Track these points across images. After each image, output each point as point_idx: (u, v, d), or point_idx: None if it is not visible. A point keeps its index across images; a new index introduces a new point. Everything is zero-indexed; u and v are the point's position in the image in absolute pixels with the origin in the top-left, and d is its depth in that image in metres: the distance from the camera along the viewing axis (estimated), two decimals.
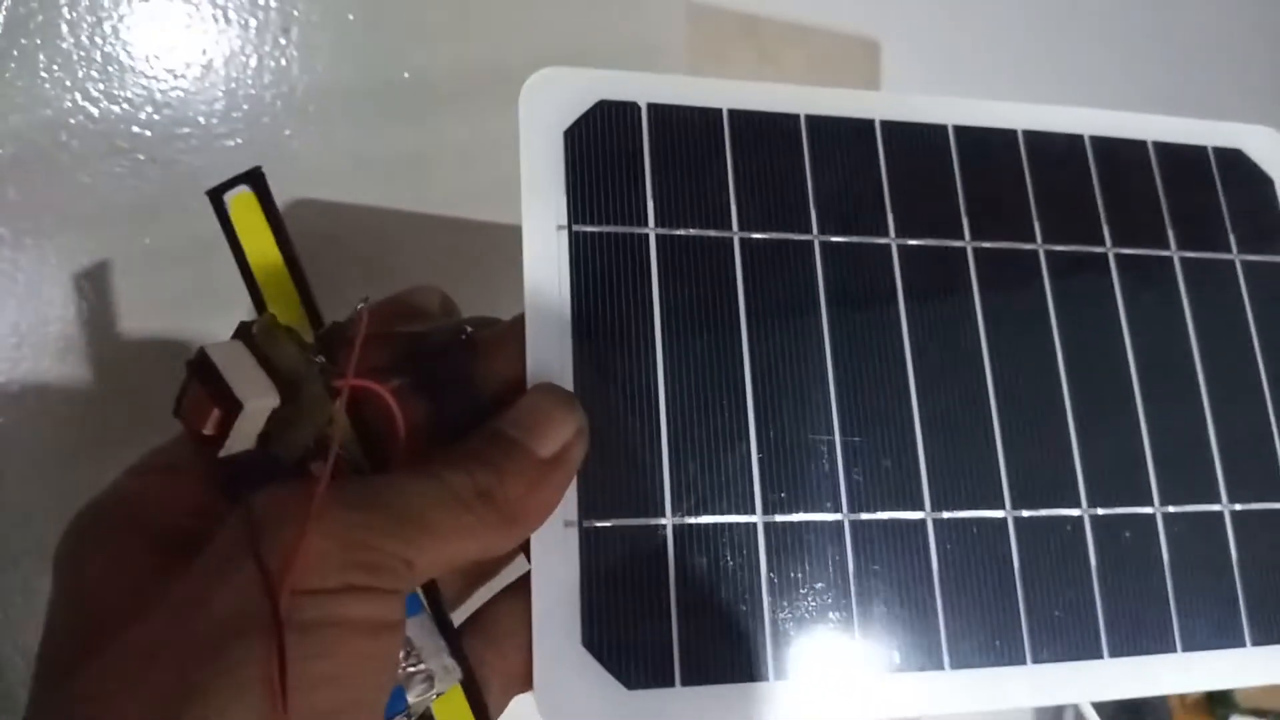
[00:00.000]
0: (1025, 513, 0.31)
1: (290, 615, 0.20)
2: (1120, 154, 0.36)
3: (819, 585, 0.30)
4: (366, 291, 0.29)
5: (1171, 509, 0.33)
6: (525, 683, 0.27)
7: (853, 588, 0.30)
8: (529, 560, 0.28)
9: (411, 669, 0.25)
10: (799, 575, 0.30)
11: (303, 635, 0.21)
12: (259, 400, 0.23)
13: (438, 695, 0.26)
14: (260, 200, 0.30)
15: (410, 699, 0.25)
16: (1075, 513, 0.32)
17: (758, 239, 0.32)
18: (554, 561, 0.28)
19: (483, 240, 0.41)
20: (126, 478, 0.26)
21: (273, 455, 0.24)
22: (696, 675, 0.28)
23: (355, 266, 0.40)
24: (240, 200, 0.31)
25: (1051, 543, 0.31)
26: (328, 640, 0.21)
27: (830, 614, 0.29)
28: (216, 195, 0.30)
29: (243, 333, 0.24)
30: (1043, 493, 0.32)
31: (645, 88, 0.32)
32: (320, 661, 0.21)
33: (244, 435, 0.23)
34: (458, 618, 0.28)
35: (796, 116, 0.33)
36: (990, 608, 0.31)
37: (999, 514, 0.31)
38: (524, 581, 0.28)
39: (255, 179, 0.30)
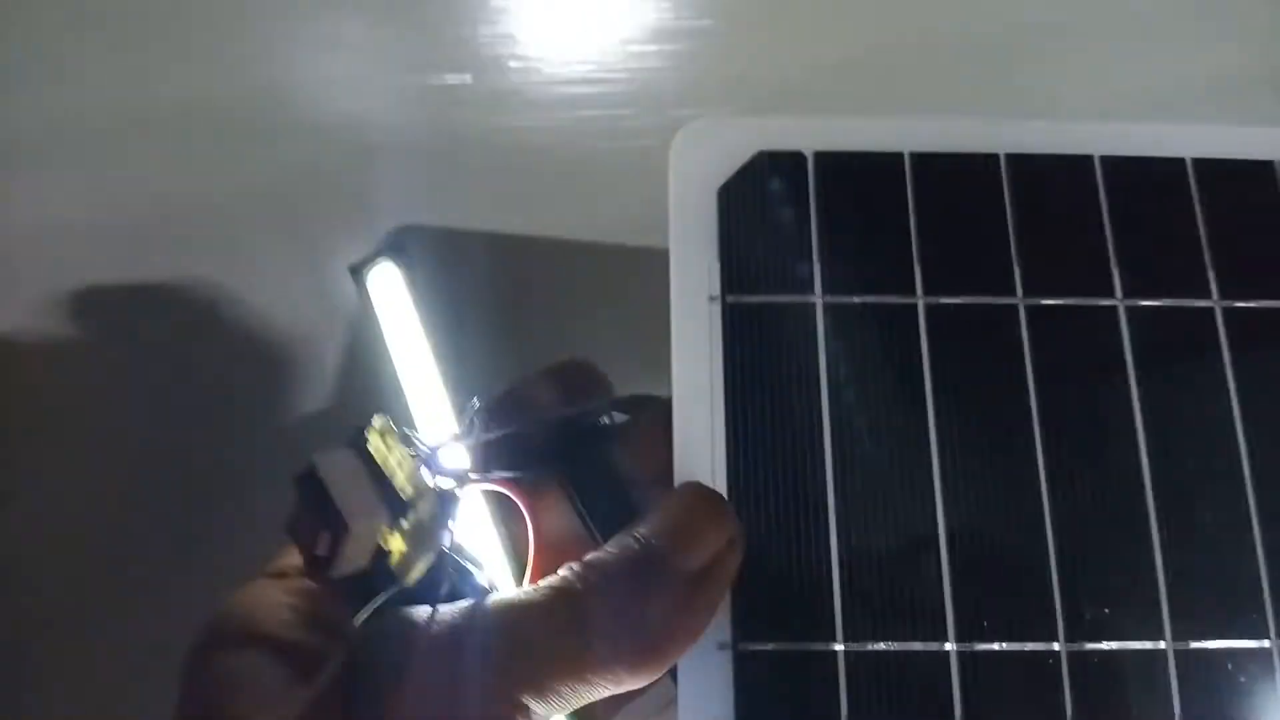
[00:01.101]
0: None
1: None
2: None
3: None
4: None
5: None
6: None
7: None
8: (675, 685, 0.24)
9: None
10: (1000, 714, 0.24)
11: None
12: (367, 521, 0.20)
13: None
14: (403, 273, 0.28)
15: None
16: None
17: (948, 304, 0.27)
18: (704, 690, 0.24)
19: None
20: (243, 590, 0.25)
21: (389, 576, 0.22)
22: None
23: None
24: (381, 273, 0.29)
25: None
26: None
27: None
28: (357, 271, 0.28)
29: (355, 440, 0.21)
30: None
31: (811, 134, 0.28)
32: None
33: (354, 557, 0.21)
34: None
35: (996, 157, 0.28)
36: None
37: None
38: (672, 711, 0.25)
39: (396, 250, 0.28)
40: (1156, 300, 0.27)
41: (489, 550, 0.25)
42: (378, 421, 0.21)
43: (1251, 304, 0.27)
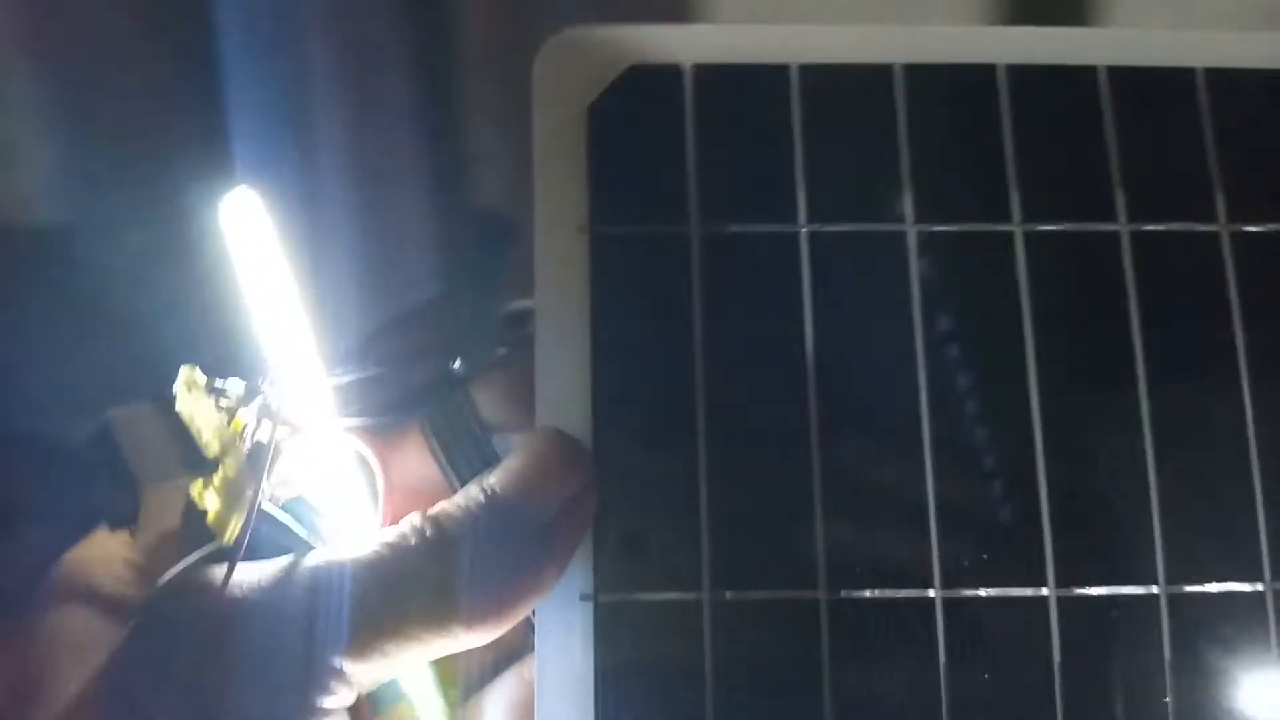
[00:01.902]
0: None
1: None
2: None
3: (896, 671, 0.24)
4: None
5: None
6: None
7: (943, 672, 0.23)
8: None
9: None
10: (870, 662, 0.24)
11: None
12: (163, 480, 0.19)
13: None
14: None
15: None
16: None
17: (832, 232, 0.25)
18: (564, 641, 0.23)
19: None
20: (88, 542, 0.24)
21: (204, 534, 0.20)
22: None
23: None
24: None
25: None
26: None
27: (911, 704, 0.23)
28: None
29: (159, 394, 0.20)
30: None
31: (689, 44, 0.26)
32: None
33: (159, 517, 0.20)
34: None
35: (889, 68, 0.26)
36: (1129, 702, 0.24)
37: (1151, 589, 0.24)
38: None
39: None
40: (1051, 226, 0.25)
41: (338, 506, 0.23)
42: (184, 373, 0.20)
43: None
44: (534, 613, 0.23)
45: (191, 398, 0.20)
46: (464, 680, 0.25)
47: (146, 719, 0.18)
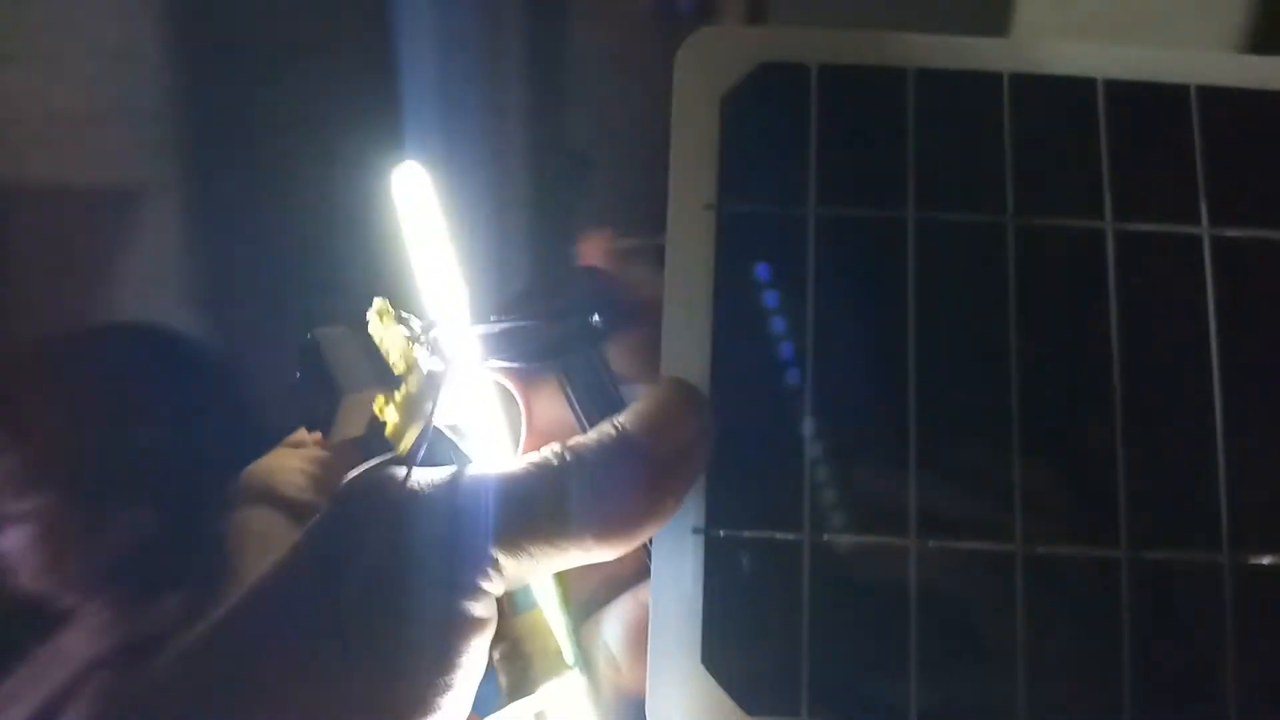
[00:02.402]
0: None
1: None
2: None
3: (976, 619, 0.26)
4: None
5: None
6: (638, 694, 0.26)
7: (1020, 629, 0.26)
8: None
9: (507, 659, 0.24)
10: (957, 612, 0.26)
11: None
12: (358, 390, 0.22)
13: (540, 686, 0.25)
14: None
15: (504, 685, 0.24)
16: None
17: (934, 220, 0.28)
18: (675, 571, 0.26)
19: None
20: (265, 458, 0.27)
21: (384, 444, 0.24)
22: (826, 707, 0.25)
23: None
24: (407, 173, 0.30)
25: None
26: (396, 629, 0.21)
27: (992, 658, 0.26)
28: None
29: (355, 319, 0.23)
30: None
31: (816, 46, 0.29)
32: (392, 650, 0.21)
33: (349, 424, 0.23)
34: None
35: (999, 75, 0.28)
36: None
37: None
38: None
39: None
40: (1146, 225, 0.27)
41: (487, 433, 0.27)
42: (377, 303, 0.23)
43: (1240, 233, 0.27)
44: (650, 542, 0.26)
45: (382, 324, 0.23)
46: (580, 605, 0.28)
47: (334, 594, 0.21)
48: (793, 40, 0.29)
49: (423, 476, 0.23)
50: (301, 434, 0.28)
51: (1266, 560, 0.26)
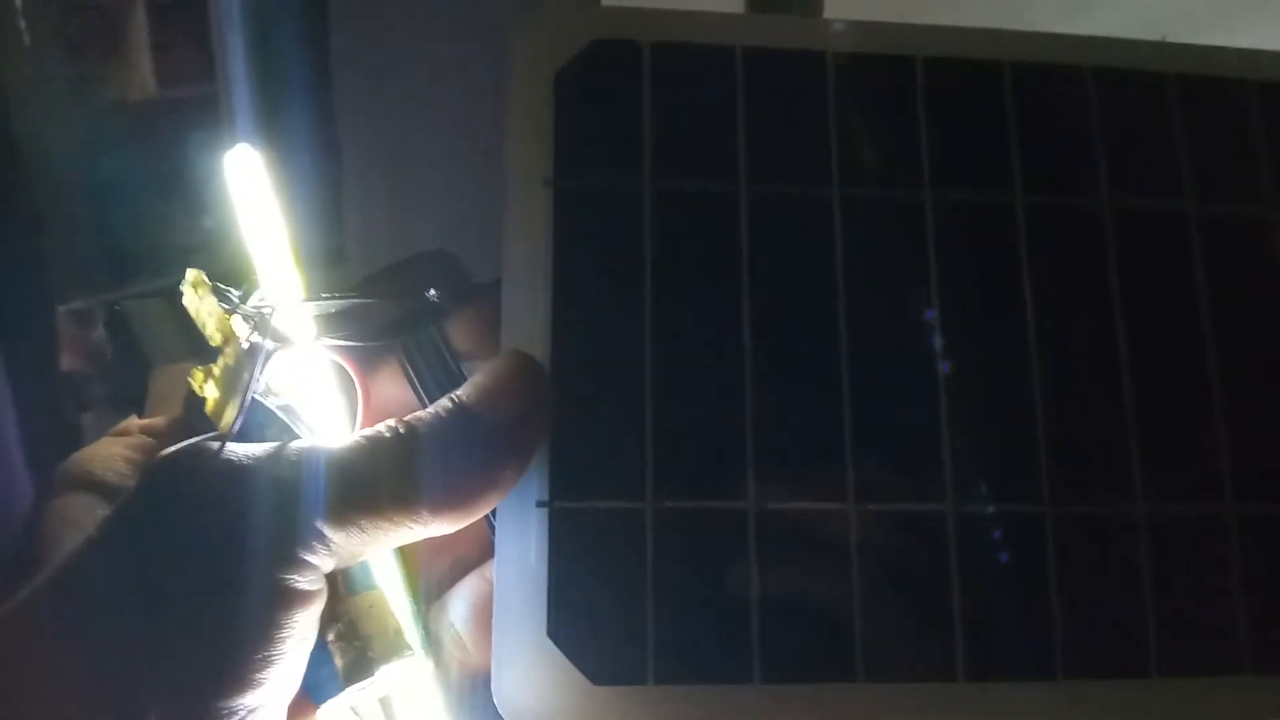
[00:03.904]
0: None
1: None
2: None
3: (817, 580, 0.27)
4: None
5: None
6: (486, 672, 0.26)
7: (856, 583, 0.26)
8: None
9: (344, 640, 0.24)
10: (795, 569, 0.27)
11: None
12: (169, 362, 0.21)
13: (381, 669, 0.24)
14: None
15: (341, 669, 0.23)
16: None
17: (767, 193, 0.28)
18: (519, 544, 0.26)
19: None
20: (87, 447, 0.26)
21: (203, 421, 0.23)
22: (672, 673, 0.26)
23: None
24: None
25: None
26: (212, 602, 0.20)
27: (829, 611, 0.26)
28: None
29: (168, 292, 0.23)
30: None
31: (648, 24, 0.29)
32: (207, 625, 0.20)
33: (163, 398, 0.22)
34: None
35: (821, 55, 0.29)
36: (1019, 614, 0.27)
37: (1037, 508, 0.27)
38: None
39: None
40: (965, 195, 0.29)
41: (321, 414, 0.26)
42: (191, 274, 0.22)
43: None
44: (494, 515, 0.26)
45: (197, 295, 0.22)
46: (425, 588, 0.28)
47: (143, 570, 0.20)
48: (625, 18, 0.29)
49: (242, 449, 0.22)
50: (128, 423, 0.27)
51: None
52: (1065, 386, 0.28)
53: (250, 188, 0.29)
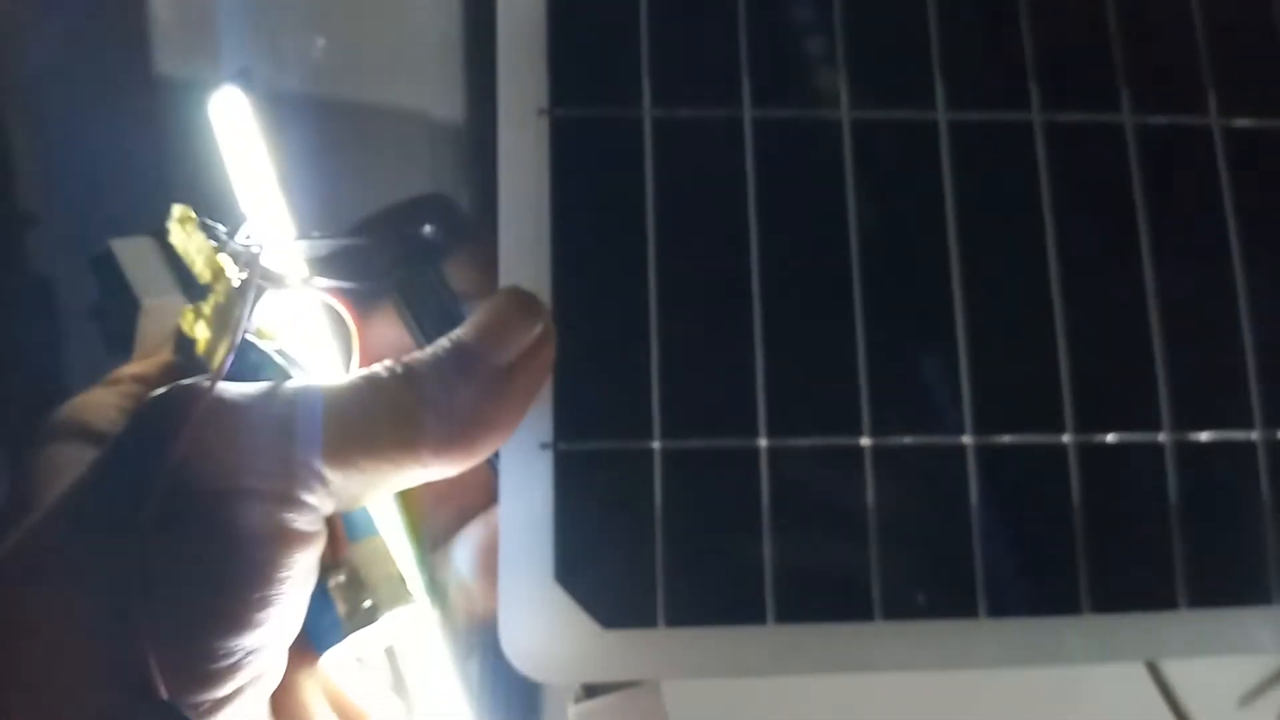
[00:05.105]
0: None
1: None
2: None
3: (831, 518, 0.26)
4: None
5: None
6: (493, 619, 0.25)
7: (872, 520, 0.26)
8: None
9: (346, 587, 0.23)
10: (808, 508, 0.26)
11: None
12: (158, 298, 0.21)
13: (384, 616, 0.24)
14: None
15: (343, 615, 0.23)
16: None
17: (774, 117, 0.27)
18: (524, 487, 0.25)
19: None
20: (78, 395, 0.25)
21: (194, 362, 0.22)
22: (682, 615, 0.25)
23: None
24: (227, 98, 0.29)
25: None
26: (209, 542, 0.20)
27: (844, 550, 0.26)
28: None
29: (156, 230, 0.22)
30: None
31: None
32: (202, 565, 0.20)
33: (152, 337, 0.21)
34: None
35: None
36: (1041, 548, 0.26)
37: (1059, 439, 0.26)
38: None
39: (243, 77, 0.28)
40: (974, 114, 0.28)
41: (316, 356, 0.25)
42: (177, 211, 0.21)
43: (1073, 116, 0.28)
44: (497, 459, 0.25)
45: (185, 232, 0.21)
46: (429, 534, 0.27)
47: (135, 509, 0.20)
48: None
49: (235, 388, 0.21)
50: (119, 372, 0.26)
51: (1110, 438, 0.26)
52: (1086, 319, 0.27)
53: (237, 129, 0.28)
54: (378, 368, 0.23)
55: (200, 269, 0.21)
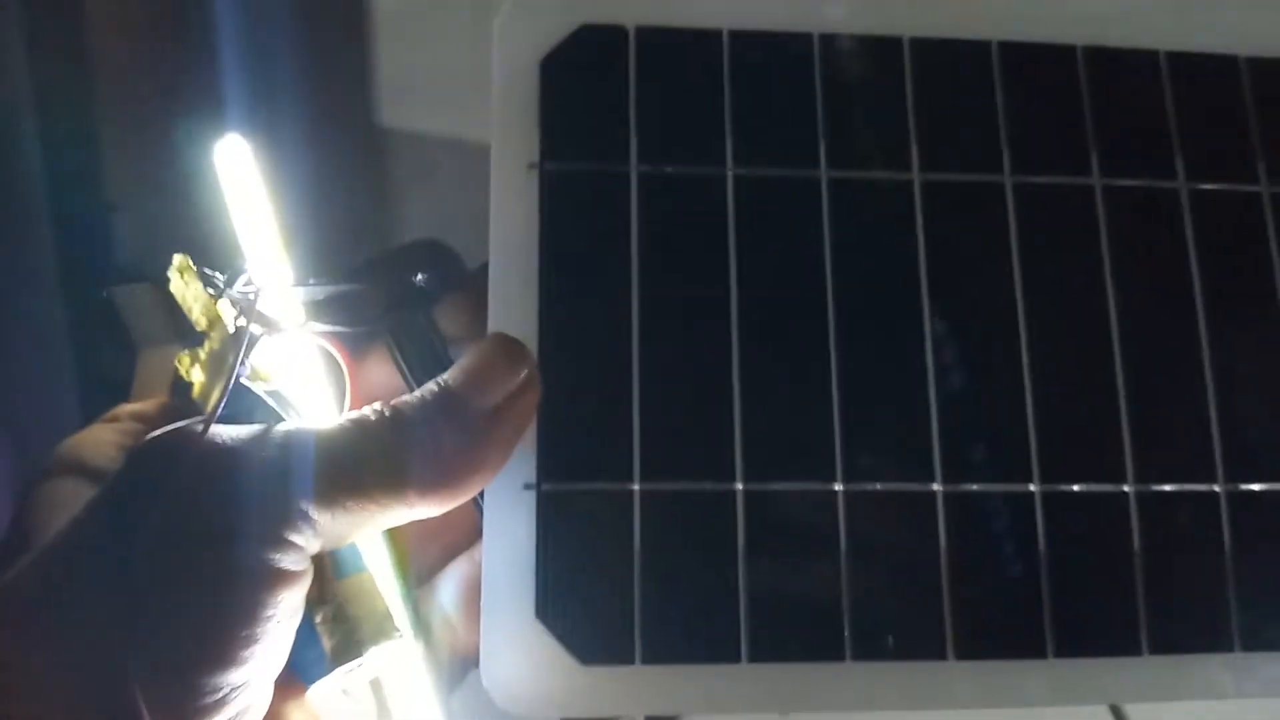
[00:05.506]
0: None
1: None
2: None
3: (804, 560, 0.27)
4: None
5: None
6: (475, 654, 0.26)
7: (844, 563, 0.26)
8: None
9: (332, 622, 0.24)
10: (783, 549, 0.27)
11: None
12: (156, 346, 0.22)
13: (369, 650, 0.25)
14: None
15: (329, 650, 0.24)
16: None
17: (752, 175, 0.28)
18: (508, 526, 0.26)
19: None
20: (78, 433, 0.26)
21: (190, 404, 0.23)
22: (660, 653, 0.26)
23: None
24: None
25: None
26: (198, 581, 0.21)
27: (817, 592, 0.26)
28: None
29: (156, 277, 0.23)
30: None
31: (634, 8, 0.29)
32: (189, 604, 0.20)
33: (149, 382, 0.22)
34: None
35: (809, 36, 0.29)
36: (1009, 593, 0.27)
37: (1026, 487, 0.27)
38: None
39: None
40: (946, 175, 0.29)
41: (309, 399, 0.26)
42: (177, 260, 0.23)
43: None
44: (482, 498, 0.26)
45: (183, 281, 0.22)
46: (415, 571, 0.28)
47: (127, 550, 0.21)
48: (610, 2, 0.29)
49: (227, 431, 0.22)
50: (118, 409, 0.27)
51: (1076, 487, 0.27)
52: (1053, 370, 0.28)
53: (240, 176, 0.29)
54: (366, 411, 0.24)
55: (197, 316, 0.22)
